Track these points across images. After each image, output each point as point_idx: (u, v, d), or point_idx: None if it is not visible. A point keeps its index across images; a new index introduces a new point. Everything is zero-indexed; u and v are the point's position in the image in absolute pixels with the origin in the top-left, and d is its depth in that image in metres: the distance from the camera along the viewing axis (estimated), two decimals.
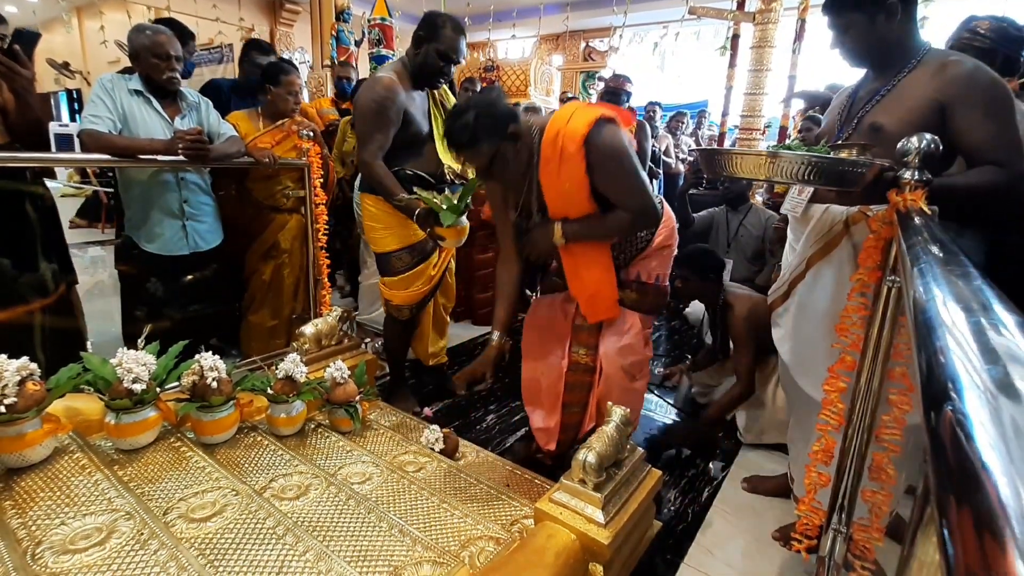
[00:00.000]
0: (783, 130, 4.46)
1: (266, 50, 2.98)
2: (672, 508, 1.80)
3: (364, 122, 1.92)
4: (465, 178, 2.17)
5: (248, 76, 2.83)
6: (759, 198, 3.77)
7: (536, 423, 1.84)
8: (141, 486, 1.27)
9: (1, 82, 1.62)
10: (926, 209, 0.97)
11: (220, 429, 1.51)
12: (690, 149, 5.33)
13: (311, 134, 2.37)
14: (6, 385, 1.21)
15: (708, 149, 1.37)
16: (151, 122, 2.01)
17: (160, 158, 1.90)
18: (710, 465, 2.05)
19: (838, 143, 1.31)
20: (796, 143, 1.32)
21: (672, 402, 2.56)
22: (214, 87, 2.86)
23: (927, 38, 1.33)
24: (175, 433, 1.50)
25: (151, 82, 2.00)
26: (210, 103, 2.21)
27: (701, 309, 3.20)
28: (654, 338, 3.40)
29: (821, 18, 1.40)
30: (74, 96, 10.13)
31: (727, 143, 5.18)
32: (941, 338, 0.44)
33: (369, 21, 5.14)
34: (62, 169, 7.21)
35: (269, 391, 1.62)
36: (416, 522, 1.31)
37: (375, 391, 2.05)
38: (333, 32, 5.48)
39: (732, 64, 4.82)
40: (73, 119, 9.62)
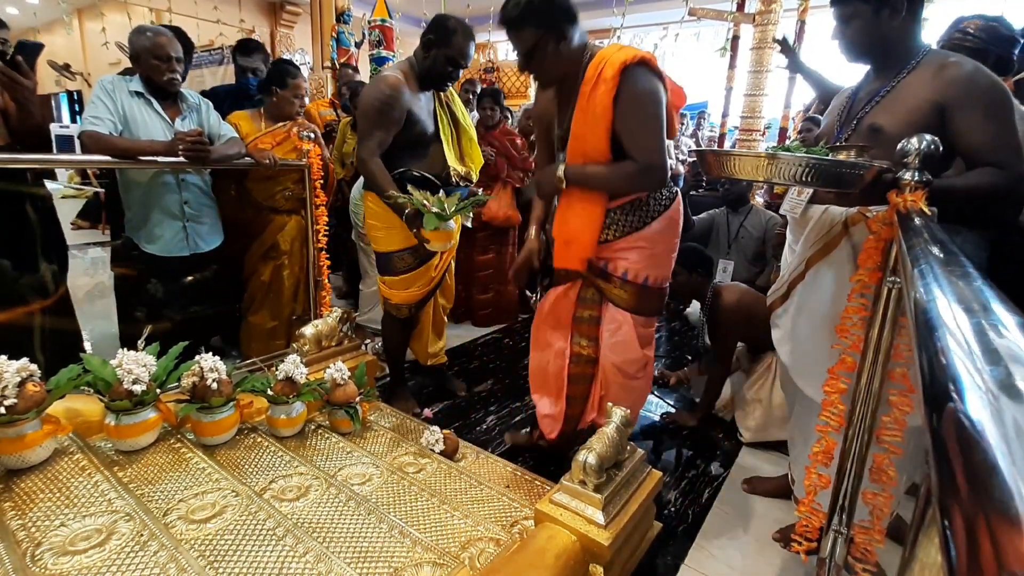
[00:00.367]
0: (783, 131, 4.47)
1: (252, 50, 2.94)
2: (672, 509, 1.79)
3: (366, 119, 1.90)
4: (470, 180, 2.17)
5: (237, 78, 2.82)
6: (759, 199, 3.77)
7: (543, 410, 1.88)
8: (141, 487, 1.27)
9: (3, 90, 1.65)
10: (926, 210, 0.97)
11: (220, 430, 1.51)
12: (690, 150, 5.34)
13: (312, 135, 2.37)
14: (6, 386, 1.21)
15: (707, 150, 1.37)
16: (152, 123, 2.01)
17: (161, 159, 1.90)
18: (710, 466, 2.05)
19: (837, 145, 1.31)
20: (796, 144, 1.32)
21: (672, 403, 2.56)
22: (211, 95, 2.83)
23: (927, 39, 1.33)
24: (175, 434, 1.50)
25: (152, 84, 2.01)
26: (210, 104, 2.21)
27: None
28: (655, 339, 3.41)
29: (821, 19, 1.40)
30: (75, 97, 10.16)
31: (727, 144, 5.19)
32: (942, 339, 0.44)
33: (369, 23, 5.14)
34: (62, 170, 7.22)
35: (269, 392, 1.62)
36: (416, 523, 1.30)
37: (375, 392, 2.05)
38: (333, 33, 5.49)
39: (732, 65, 4.83)
40: (74, 120, 9.64)
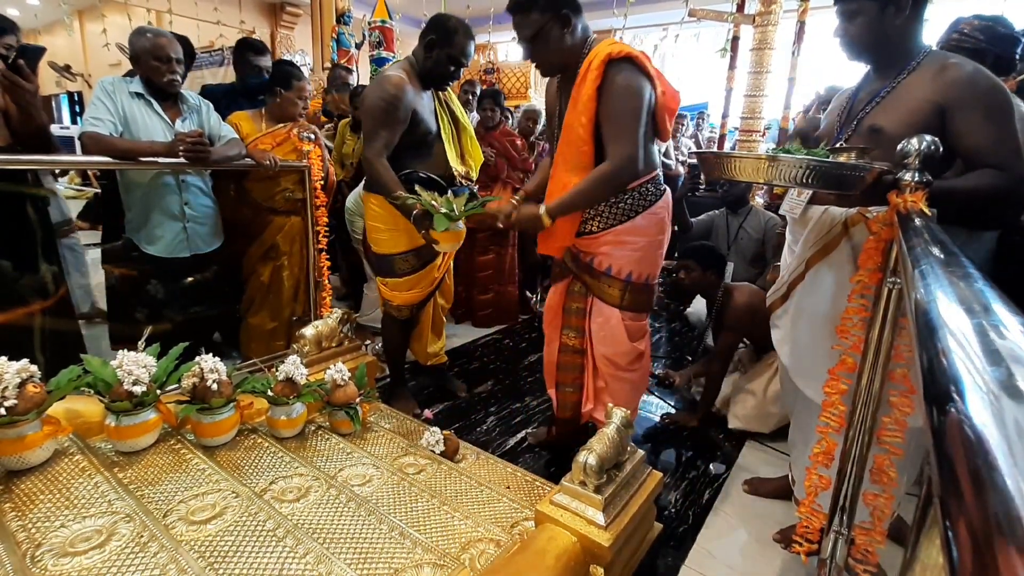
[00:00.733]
0: (783, 132, 4.47)
1: (260, 50, 2.95)
2: (673, 510, 1.79)
3: (371, 119, 1.88)
4: (471, 179, 2.17)
5: (245, 78, 2.80)
6: (759, 200, 3.77)
7: (554, 400, 2.01)
8: (141, 488, 1.27)
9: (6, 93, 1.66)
10: (926, 210, 0.97)
11: (220, 431, 1.51)
12: (689, 152, 5.34)
13: (312, 136, 2.37)
14: (6, 387, 1.21)
15: (708, 152, 1.37)
16: (152, 124, 2.01)
17: (161, 160, 1.91)
18: (711, 467, 2.05)
19: (837, 147, 1.31)
20: (796, 146, 1.32)
21: (673, 404, 2.56)
22: (208, 94, 2.82)
23: (927, 39, 1.33)
24: (175, 435, 1.50)
25: (152, 85, 2.01)
26: (211, 105, 2.21)
27: (702, 310, 3.22)
28: (655, 339, 3.42)
29: (820, 20, 1.40)
30: (75, 99, 10.17)
31: (727, 145, 5.19)
32: (943, 340, 0.44)
33: (369, 23, 5.15)
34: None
35: (269, 393, 1.62)
36: (417, 524, 1.30)
37: (375, 393, 2.05)
38: (334, 35, 5.49)
39: (732, 66, 4.83)
40: (74, 121, 9.65)
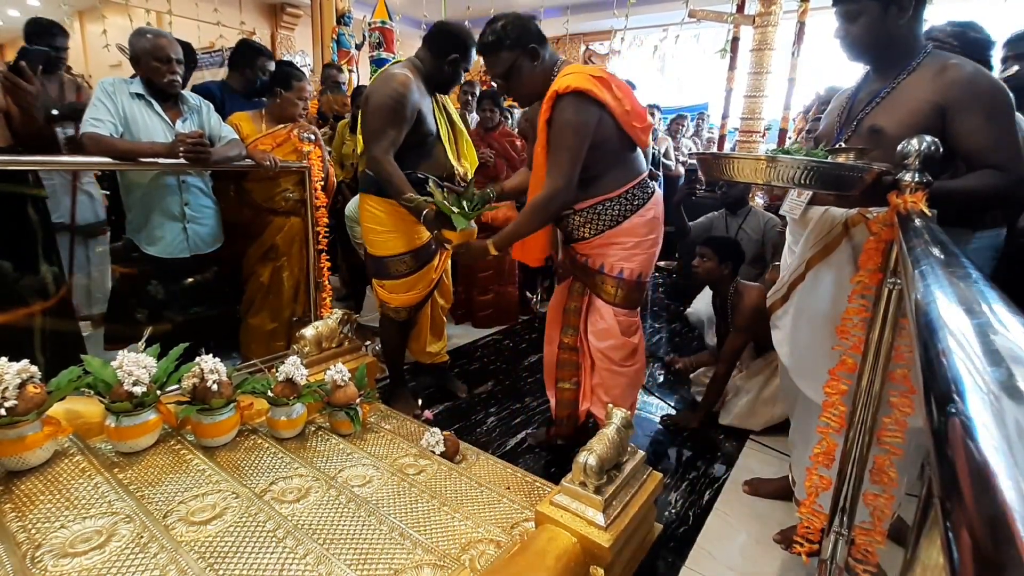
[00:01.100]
0: (783, 132, 4.47)
1: (269, 55, 2.94)
2: (673, 510, 1.79)
3: (377, 117, 1.86)
4: (467, 180, 2.17)
5: (249, 79, 2.78)
6: (759, 200, 3.77)
7: (552, 401, 2.04)
8: (141, 489, 1.27)
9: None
10: (926, 211, 0.97)
11: (220, 432, 1.51)
12: (689, 152, 5.34)
13: (312, 137, 2.37)
14: (6, 388, 1.21)
15: (707, 153, 1.37)
16: (152, 125, 2.01)
17: (161, 161, 1.91)
18: (711, 468, 2.04)
19: (836, 147, 1.31)
20: (796, 147, 1.32)
21: (673, 404, 2.56)
22: (205, 91, 2.80)
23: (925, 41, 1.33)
24: (175, 436, 1.50)
25: (152, 85, 2.01)
26: (211, 106, 2.21)
27: (702, 310, 3.22)
28: (655, 340, 3.42)
29: (820, 21, 1.40)
30: None
31: (727, 145, 5.19)
32: (943, 340, 0.44)
33: (370, 24, 5.16)
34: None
35: (269, 394, 1.62)
36: (417, 525, 1.30)
37: (375, 394, 2.05)
38: (334, 35, 5.50)
39: (732, 67, 4.83)
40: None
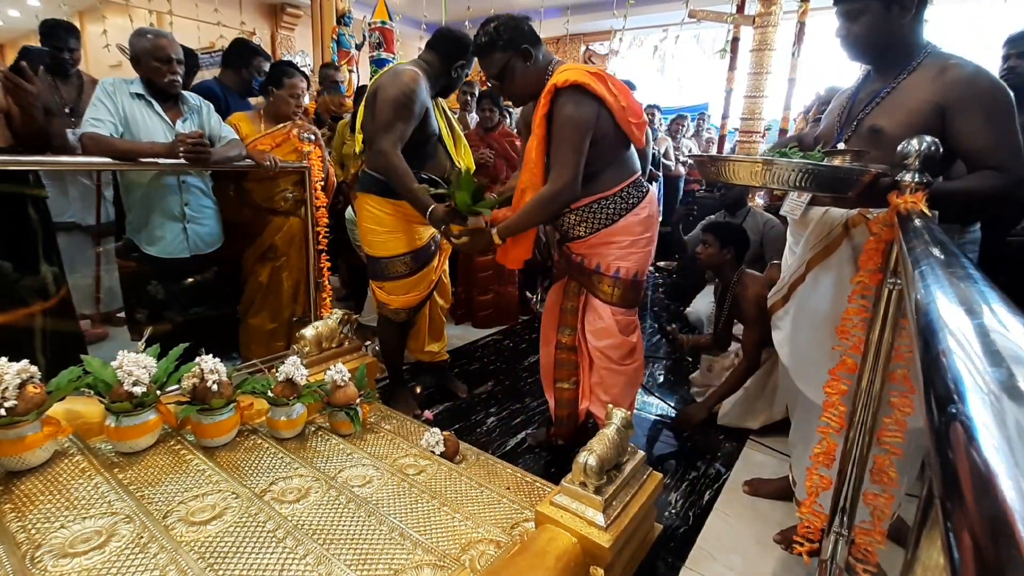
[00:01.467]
0: (783, 133, 4.47)
1: (265, 55, 2.93)
2: (673, 511, 1.79)
3: (388, 110, 1.85)
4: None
5: (245, 79, 2.78)
6: (760, 201, 3.77)
7: (550, 402, 2.04)
8: (141, 489, 1.27)
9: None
10: (927, 211, 0.97)
11: (220, 432, 1.51)
12: (688, 154, 5.34)
13: (312, 137, 2.37)
14: (6, 388, 1.21)
15: (703, 155, 1.38)
16: (152, 125, 2.01)
17: (161, 161, 1.91)
18: (711, 468, 2.04)
19: (832, 149, 1.31)
20: (793, 149, 1.32)
21: (673, 404, 2.56)
22: (206, 89, 2.79)
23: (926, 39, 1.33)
24: (175, 436, 1.50)
25: (152, 85, 2.01)
26: (211, 106, 2.21)
27: (702, 309, 3.23)
28: (655, 340, 3.42)
29: (820, 21, 1.40)
30: None
31: (727, 146, 5.19)
32: (944, 341, 0.44)
33: (370, 25, 5.16)
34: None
35: (269, 394, 1.62)
36: (417, 525, 1.30)
37: (375, 394, 2.05)
38: (334, 36, 5.50)
39: (732, 67, 4.83)
40: None
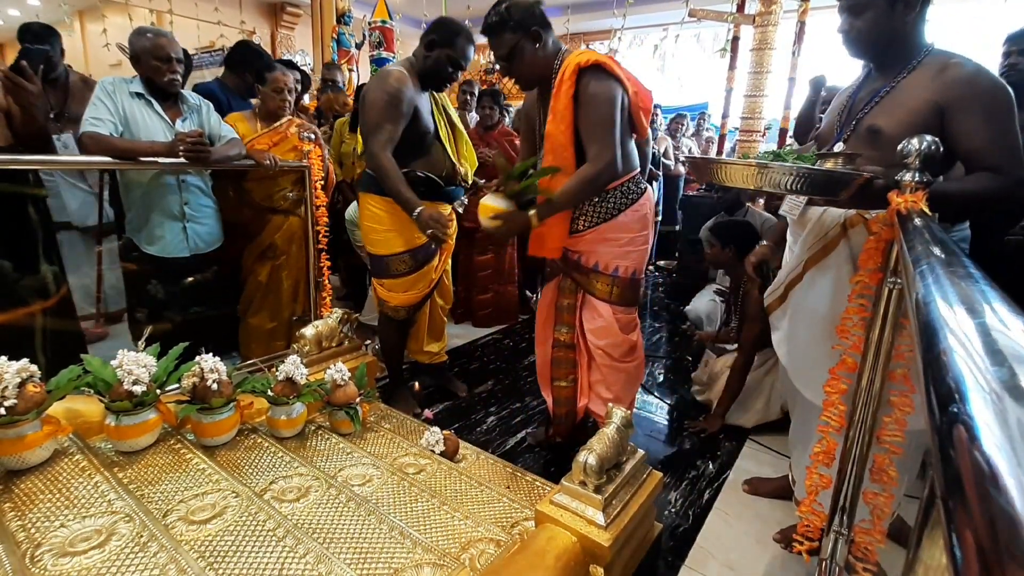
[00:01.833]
0: (783, 132, 4.47)
1: (261, 55, 2.91)
2: (673, 510, 1.79)
3: (374, 112, 1.87)
4: (467, 180, 2.18)
5: (248, 83, 2.78)
6: (760, 200, 3.77)
7: (548, 401, 2.02)
8: (141, 488, 1.27)
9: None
10: (927, 210, 0.97)
11: (220, 431, 1.51)
12: (684, 157, 5.33)
13: (312, 136, 2.37)
14: (6, 387, 1.21)
15: (698, 158, 1.39)
16: (152, 124, 2.01)
17: (161, 160, 1.90)
18: (711, 467, 2.04)
19: (824, 152, 1.31)
20: (787, 151, 1.32)
21: (672, 403, 2.56)
22: (206, 91, 2.78)
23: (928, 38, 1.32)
24: (175, 435, 1.50)
25: (152, 85, 2.01)
26: (211, 105, 2.21)
27: (701, 308, 3.25)
28: (655, 339, 3.42)
29: (820, 20, 1.39)
30: None
31: (728, 145, 5.19)
32: (944, 340, 0.44)
33: (370, 24, 5.16)
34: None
35: (269, 393, 1.62)
36: (416, 524, 1.30)
37: (375, 393, 2.05)
38: (334, 35, 5.50)
39: (732, 66, 4.83)
40: None
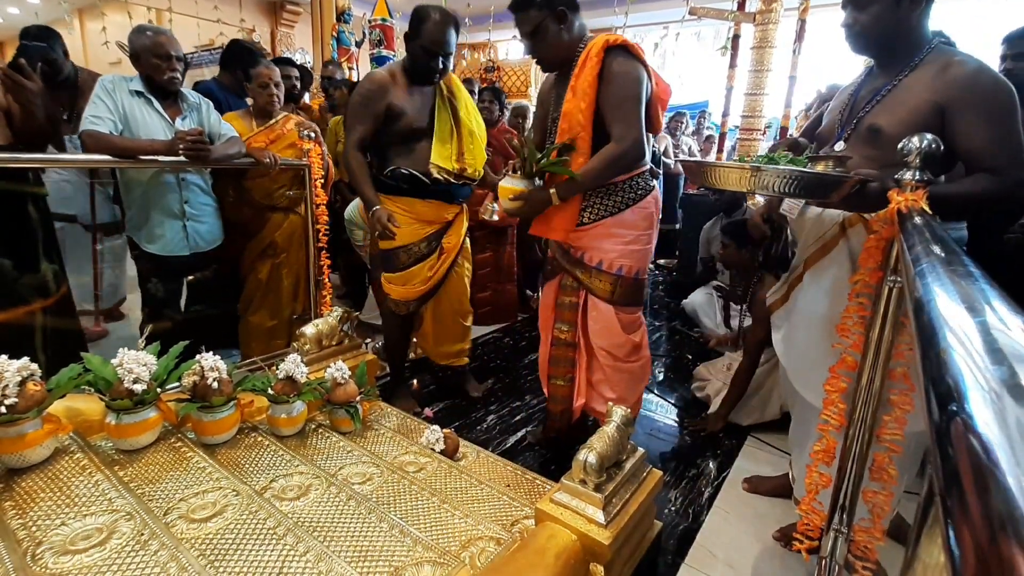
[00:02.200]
0: (783, 130, 4.46)
1: (253, 52, 2.91)
2: (673, 508, 1.80)
3: (349, 113, 1.98)
4: (468, 178, 2.15)
5: (242, 81, 2.79)
6: (760, 199, 3.77)
7: (547, 396, 2.03)
8: (141, 486, 1.27)
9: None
10: (927, 209, 0.97)
11: (221, 429, 1.51)
12: (676, 160, 5.32)
13: (312, 135, 2.37)
14: (7, 385, 1.21)
15: (691, 161, 1.41)
16: (152, 123, 2.01)
17: (161, 159, 1.90)
18: (711, 465, 2.05)
19: (815, 155, 1.31)
20: (781, 154, 1.32)
21: (673, 402, 2.56)
22: (204, 90, 2.78)
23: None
24: (176, 433, 1.50)
25: (152, 83, 2.01)
26: (211, 104, 2.20)
27: (696, 300, 3.27)
28: (655, 337, 3.42)
29: (821, 19, 1.39)
30: None
31: (728, 144, 5.18)
32: (944, 339, 0.44)
33: (370, 22, 5.16)
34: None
35: (270, 391, 1.62)
36: (417, 522, 1.30)
37: (375, 391, 2.05)
38: (334, 33, 5.49)
39: (732, 64, 4.81)
40: None
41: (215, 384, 1.47)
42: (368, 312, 3.19)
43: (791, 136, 1.87)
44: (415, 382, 2.48)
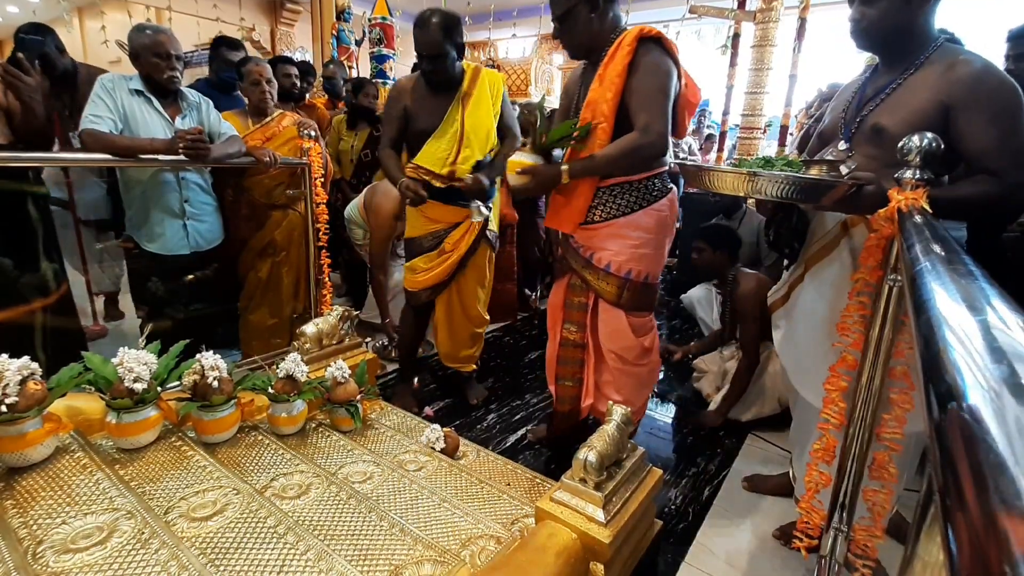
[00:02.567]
0: (783, 129, 4.46)
1: (233, 45, 2.90)
2: (673, 507, 1.80)
3: (383, 116, 2.24)
4: (458, 180, 2.13)
5: (218, 74, 2.81)
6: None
7: (554, 396, 2.02)
8: (142, 485, 1.27)
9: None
10: (927, 208, 0.97)
11: (221, 428, 1.51)
12: (675, 161, 5.32)
13: (312, 134, 2.37)
14: (7, 384, 1.21)
15: (689, 164, 1.41)
16: (152, 122, 2.01)
17: (161, 158, 1.90)
18: (711, 464, 2.05)
19: (808, 159, 1.31)
20: (778, 159, 1.32)
21: (673, 400, 2.56)
22: (200, 89, 2.78)
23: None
24: (176, 432, 1.50)
25: (151, 82, 2.00)
26: (211, 103, 2.20)
27: (694, 294, 3.28)
28: None
29: (822, 17, 1.39)
30: None
31: (728, 143, 5.18)
32: (944, 337, 0.44)
33: (370, 20, 5.15)
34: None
35: (270, 390, 1.62)
36: (417, 521, 1.31)
37: (376, 390, 2.05)
38: (334, 32, 5.49)
39: (733, 63, 4.81)
40: None
41: (215, 383, 1.47)
42: (368, 311, 3.19)
43: (792, 134, 1.86)
44: (415, 381, 2.48)
